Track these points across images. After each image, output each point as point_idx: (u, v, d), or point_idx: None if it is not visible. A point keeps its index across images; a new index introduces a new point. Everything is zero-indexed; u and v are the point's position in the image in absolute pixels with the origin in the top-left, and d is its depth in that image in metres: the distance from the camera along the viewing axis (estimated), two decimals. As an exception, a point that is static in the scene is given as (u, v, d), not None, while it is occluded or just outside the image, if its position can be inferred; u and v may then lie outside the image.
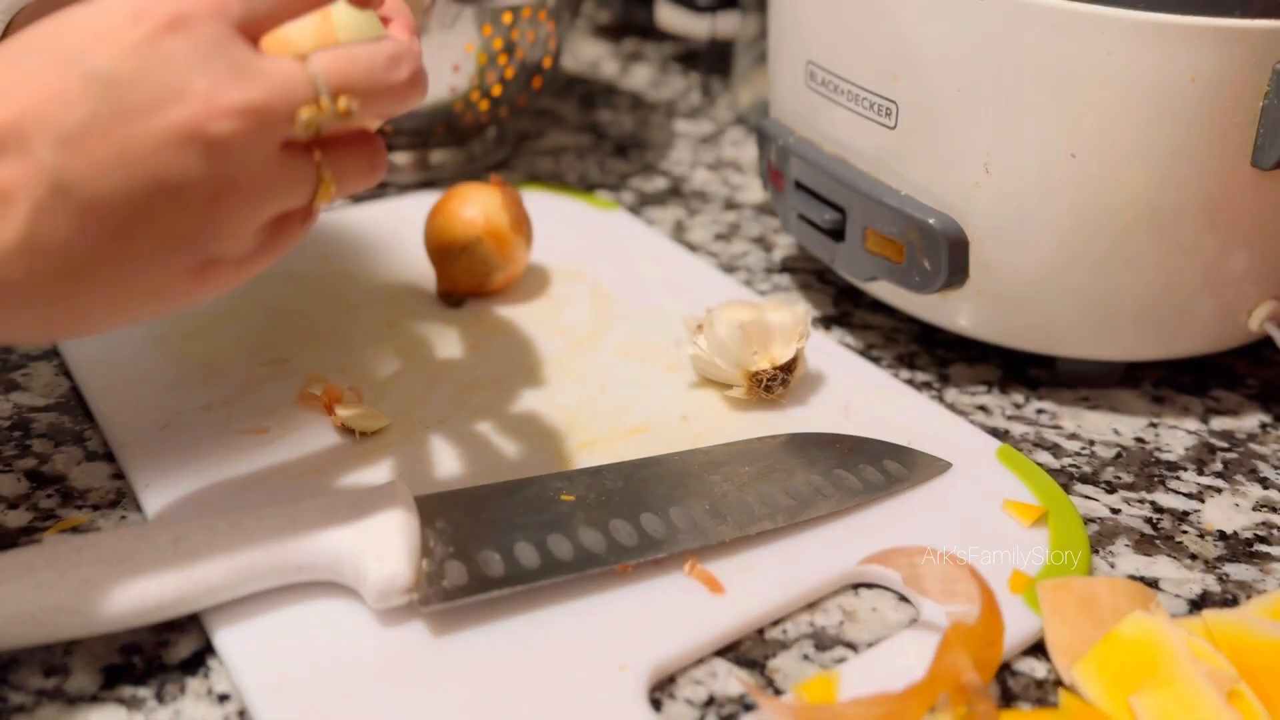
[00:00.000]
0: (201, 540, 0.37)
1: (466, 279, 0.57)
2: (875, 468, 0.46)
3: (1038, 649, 0.40)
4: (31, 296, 0.32)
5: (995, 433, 0.51)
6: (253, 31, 0.34)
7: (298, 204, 0.36)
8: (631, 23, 1.04)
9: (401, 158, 0.72)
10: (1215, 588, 0.43)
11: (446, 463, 0.46)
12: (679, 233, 0.69)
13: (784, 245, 0.68)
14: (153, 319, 0.35)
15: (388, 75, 0.35)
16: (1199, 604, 0.42)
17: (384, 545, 0.38)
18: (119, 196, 0.31)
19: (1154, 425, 0.53)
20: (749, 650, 0.39)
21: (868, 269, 0.54)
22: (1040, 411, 0.53)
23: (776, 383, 0.50)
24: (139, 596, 0.36)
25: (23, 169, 0.31)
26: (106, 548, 0.36)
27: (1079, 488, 0.48)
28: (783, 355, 0.50)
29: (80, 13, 0.33)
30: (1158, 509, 0.47)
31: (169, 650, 0.38)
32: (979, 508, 0.45)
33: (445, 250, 0.56)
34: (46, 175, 0.31)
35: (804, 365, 0.51)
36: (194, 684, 0.37)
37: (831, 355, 0.55)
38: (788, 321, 0.50)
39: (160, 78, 0.32)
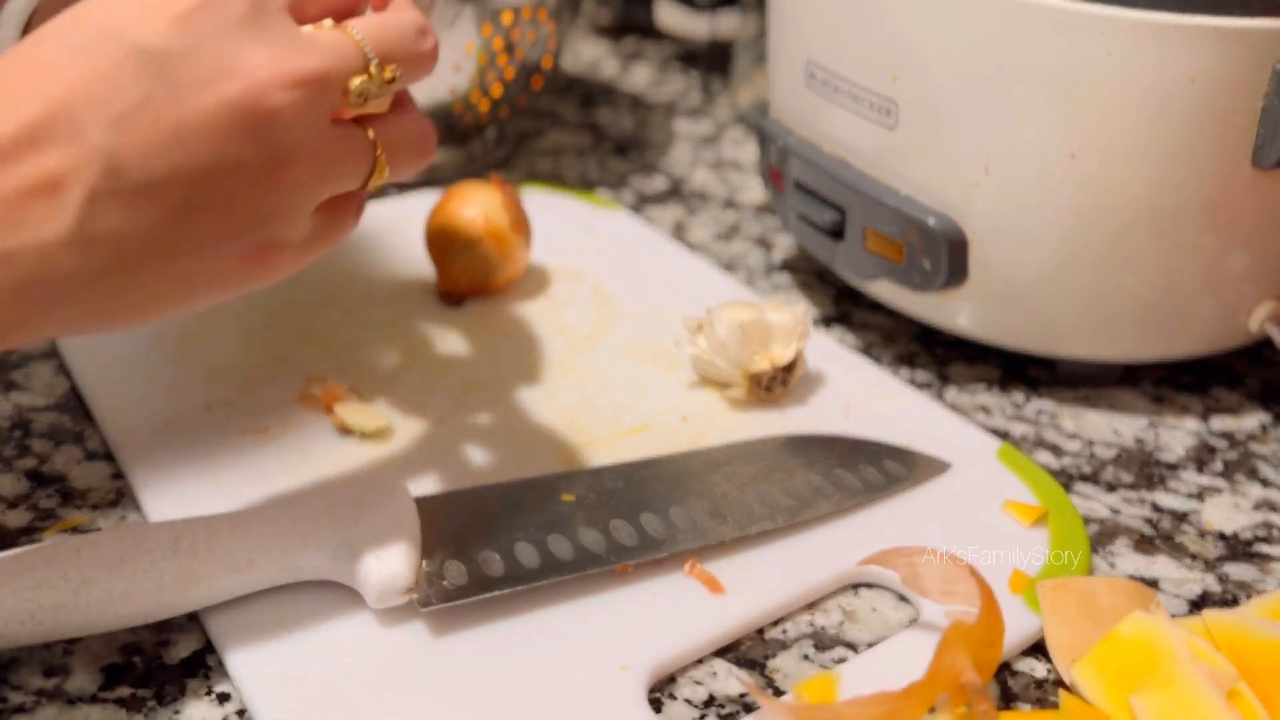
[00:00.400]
0: (201, 540, 0.37)
1: (467, 279, 0.57)
2: (875, 468, 0.46)
3: (1038, 649, 0.40)
4: (85, 288, 0.30)
5: (995, 432, 0.51)
6: (297, 16, 0.33)
7: (353, 184, 0.35)
8: (631, 23, 1.04)
9: (401, 158, 0.72)
10: (1215, 588, 0.43)
11: (446, 463, 0.46)
12: (679, 232, 0.69)
13: (784, 245, 0.68)
14: (209, 306, 0.34)
15: (418, 44, 0.35)
16: (1199, 604, 0.42)
17: (384, 545, 0.38)
18: (175, 178, 0.30)
19: (1154, 425, 0.53)
20: (749, 650, 0.39)
21: (868, 269, 0.54)
22: (1040, 411, 0.53)
23: (776, 383, 0.50)
24: (139, 596, 0.36)
25: (74, 155, 0.29)
26: (106, 548, 0.36)
27: (1079, 487, 0.48)
28: (783, 355, 0.50)
29: None
30: (1158, 509, 0.47)
31: (169, 650, 0.38)
32: (979, 508, 0.45)
33: (445, 250, 0.56)
34: (99, 159, 0.29)
35: (804, 365, 0.51)
36: (194, 684, 0.37)
37: (831, 355, 0.55)
38: (788, 321, 0.50)
39: (214, 51, 0.30)
